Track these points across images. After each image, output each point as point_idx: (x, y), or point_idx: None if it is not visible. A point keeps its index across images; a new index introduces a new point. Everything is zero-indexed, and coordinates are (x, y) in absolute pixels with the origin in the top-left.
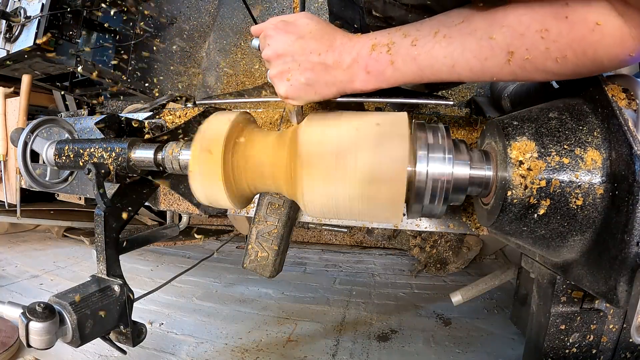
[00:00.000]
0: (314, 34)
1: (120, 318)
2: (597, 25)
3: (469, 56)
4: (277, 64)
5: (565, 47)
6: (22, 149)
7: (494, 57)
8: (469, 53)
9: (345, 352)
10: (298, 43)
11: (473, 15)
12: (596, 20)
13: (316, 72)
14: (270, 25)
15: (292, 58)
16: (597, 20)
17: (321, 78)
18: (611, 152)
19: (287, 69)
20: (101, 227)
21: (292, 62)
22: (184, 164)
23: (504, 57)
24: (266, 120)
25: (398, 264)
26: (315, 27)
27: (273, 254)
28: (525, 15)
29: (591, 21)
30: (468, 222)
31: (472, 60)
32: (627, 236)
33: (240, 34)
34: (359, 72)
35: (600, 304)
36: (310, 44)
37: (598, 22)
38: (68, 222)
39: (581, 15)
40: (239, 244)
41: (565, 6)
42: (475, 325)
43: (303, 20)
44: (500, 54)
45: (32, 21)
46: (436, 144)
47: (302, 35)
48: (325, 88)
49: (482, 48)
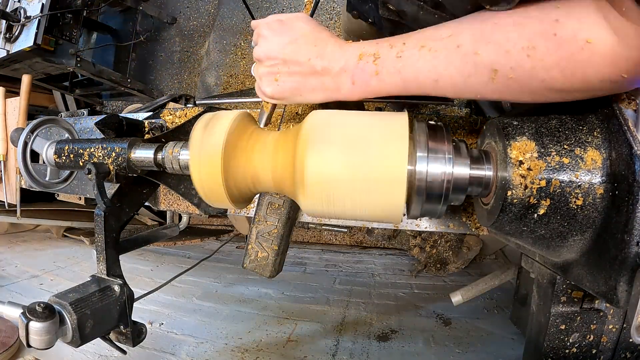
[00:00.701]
0: (307, 38)
1: (120, 318)
2: (587, 43)
3: (453, 72)
4: (266, 64)
5: (552, 66)
6: (22, 149)
7: (477, 74)
8: (453, 69)
9: (345, 352)
10: (290, 47)
11: (462, 30)
12: (586, 38)
13: (304, 76)
14: (265, 25)
15: (283, 61)
16: (588, 37)
17: (309, 83)
18: (611, 152)
19: (276, 71)
20: (101, 227)
21: (281, 65)
22: (184, 164)
23: (487, 74)
24: None
25: (398, 264)
26: (309, 31)
27: (273, 254)
28: (512, 32)
29: (581, 39)
30: (468, 222)
31: (455, 76)
32: (627, 236)
33: (240, 34)
34: (346, 80)
35: (600, 304)
36: (302, 49)
37: (588, 39)
38: (68, 222)
39: (571, 33)
40: (239, 244)
41: (555, 23)
42: (475, 325)
43: (299, 23)
44: (484, 70)
45: (32, 21)
46: (436, 143)
47: (295, 38)
48: (312, 93)
49: (466, 64)
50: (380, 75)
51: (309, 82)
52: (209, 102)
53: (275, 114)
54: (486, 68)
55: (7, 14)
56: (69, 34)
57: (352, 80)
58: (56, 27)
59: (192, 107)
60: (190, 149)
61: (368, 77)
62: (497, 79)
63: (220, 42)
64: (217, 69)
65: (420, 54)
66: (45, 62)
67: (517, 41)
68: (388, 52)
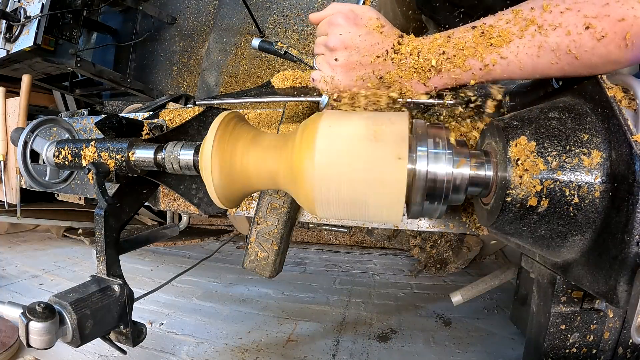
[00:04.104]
0: (380, 30)
1: (120, 318)
2: (636, 18)
3: (522, 56)
4: (342, 55)
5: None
6: (22, 149)
7: (544, 56)
8: (523, 53)
9: (345, 352)
10: (367, 37)
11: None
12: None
13: (377, 66)
14: (341, 14)
15: (358, 51)
16: (635, 14)
17: (382, 73)
18: (611, 152)
19: (354, 62)
20: (101, 227)
21: (357, 55)
22: (184, 164)
23: (553, 55)
24: (266, 121)
25: (398, 264)
26: (381, 24)
27: (273, 254)
28: (572, 16)
29: (631, 15)
30: (468, 222)
31: (524, 59)
32: (627, 236)
33: (240, 34)
34: None
35: (600, 304)
36: (376, 40)
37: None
38: (68, 222)
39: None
40: (239, 244)
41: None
42: (475, 325)
43: (371, 13)
44: (549, 52)
45: (32, 21)
46: (436, 143)
47: (370, 30)
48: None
49: (533, 47)
50: None
51: (382, 73)
52: (209, 102)
53: (276, 115)
54: (552, 50)
55: (7, 14)
56: (69, 34)
57: None
58: (56, 27)
59: (192, 107)
60: None
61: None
62: (562, 59)
63: (220, 42)
64: (217, 69)
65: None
66: (45, 62)
67: (577, 23)
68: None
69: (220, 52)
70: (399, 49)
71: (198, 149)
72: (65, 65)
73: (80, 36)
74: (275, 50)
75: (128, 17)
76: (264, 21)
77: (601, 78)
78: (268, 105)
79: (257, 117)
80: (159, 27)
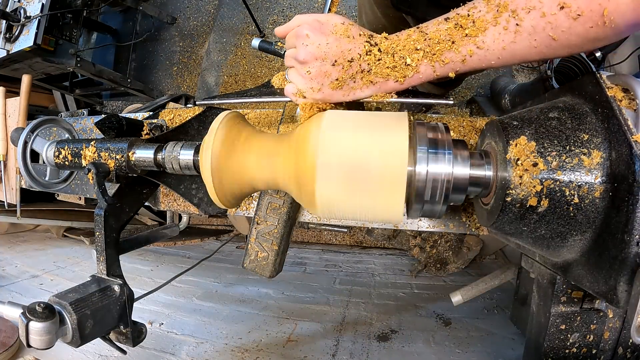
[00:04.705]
0: (348, 35)
1: (120, 318)
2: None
3: (499, 43)
4: (314, 66)
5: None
6: (22, 149)
7: (521, 41)
8: (500, 41)
9: (345, 352)
10: (335, 44)
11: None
12: None
13: (354, 73)
14: (306, 25)
15: (330, 60)
16: None
17: (357, 78)
18: (611, 152)
19: (326, 71)
20: (101, 227)
21: (328, 64)
22: (184, 164)
23: (529, 39)
24: (266, 121)
25: (398, 264)
26: (347, 28)
27: (273, 254)
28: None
29: None
30: (468, 222)
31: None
32: (627, 236)
33: (240, 34)
34: None
35: (600, 304)
36: (345, 46)
37: None
38: (68, 222)
39: None
40: (239, 244)
41: None
42: (475, 325)
43: (336, 20)
44: (525, 36)
45: (32, 21)
46: (436, 143)
47: (338, 37)
48: (360, 90)
49: (509, 33)
50: None
51: (357, 78)
52: (209, 102)
53: (276, 115)
54: (528, 33)
55: (7, 14)
56: (69, 34)
57: None
58: (56, 27)
59: (192, 107)
60: None
61: None
62: (540, 41)
63: (220, 42)
64: (217, 69)
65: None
66: (45, 62)
67: (551, 3)
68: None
69: (220, 52)
70: (371, 50)
71: (198, 149)
72: (65, 65)
73: (80, 36)
74: (275, 50)
75: (128, 17)
76: (264, 21)
77: (601, 78)
78: (268, 105)
79: (257, 117)
80: (159, 27)
